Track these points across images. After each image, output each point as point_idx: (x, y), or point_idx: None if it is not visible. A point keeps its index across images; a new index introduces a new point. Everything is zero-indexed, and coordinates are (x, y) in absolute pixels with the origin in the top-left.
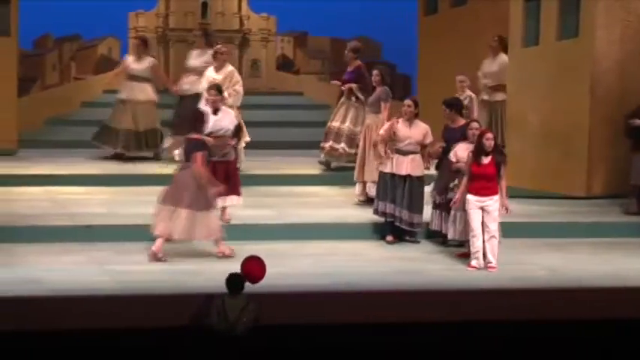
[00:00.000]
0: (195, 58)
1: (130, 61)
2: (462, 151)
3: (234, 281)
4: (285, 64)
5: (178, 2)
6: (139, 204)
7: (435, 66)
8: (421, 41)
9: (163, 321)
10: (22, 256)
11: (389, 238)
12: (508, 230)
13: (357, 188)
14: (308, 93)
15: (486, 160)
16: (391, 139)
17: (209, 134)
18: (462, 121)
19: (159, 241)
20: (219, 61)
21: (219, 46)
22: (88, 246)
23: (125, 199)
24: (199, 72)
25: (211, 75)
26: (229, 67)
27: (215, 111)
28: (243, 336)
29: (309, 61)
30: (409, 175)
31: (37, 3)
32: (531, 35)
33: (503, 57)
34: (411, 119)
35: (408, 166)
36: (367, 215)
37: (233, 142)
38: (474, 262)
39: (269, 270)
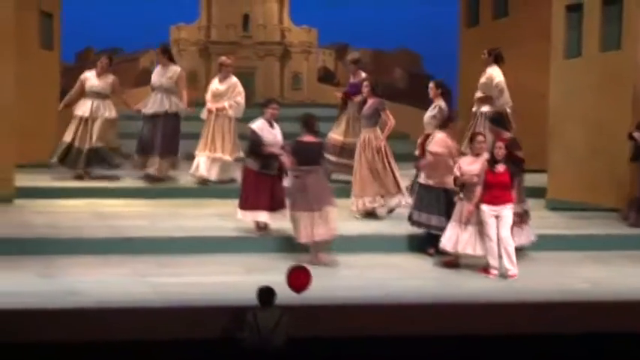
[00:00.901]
0: (160, 76)
1: (92, 78)
2: (465, 165)
3: (265, 294)
4: (326, 77)
5: (220, 15)
6: (179, 217)
7: (476, 78)
8: (462, 53)
9: (202, 333)
10: (64, 267)
11: (431, 250)
12: (550, 242)
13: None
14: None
15: (500, 168)
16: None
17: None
18: (506, 136)
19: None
20: (224, 73)
21: (223, 58)
22: (129, 258)
23: (166, 212)
24: (164, 90)
25: (214, 85)
26: (233, 79)
27: (271, 124)
28: (277, 350)
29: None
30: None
31: (79, 16)
32: (573, 47)
33: (490, 70)
34: None
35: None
36: (406, 227)
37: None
38: (494, 271)
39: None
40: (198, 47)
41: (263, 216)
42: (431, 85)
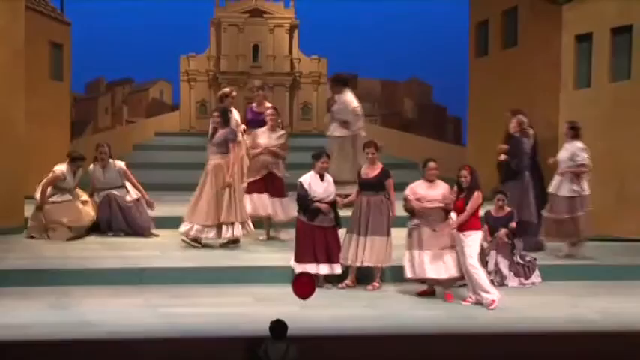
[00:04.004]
0: (107, 174)
1: (68, 178)
2: (423, 190)
3: (277, 327)
4: None
5: (229, 45)
6: (189, 247)
7: (485, 108)
8: (472, 83)
9: None
10: (76, 298)
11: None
12: (564, 272)
13: (216, 231)
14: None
15: (461, 195)
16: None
17: (320, 200)
18: (507, 210)
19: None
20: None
21: (228, 89)
22: (141, 288)
23: (176, 242)
24: (113, 187)
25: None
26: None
27: (322, 177)
28: None
29: (360, 103)
30: None
31: (90, 47)
32: (583, 77)
33: (342, 95)
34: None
35: None
36: None
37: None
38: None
39: (322, 312)
40: (207, 77)
41: (323, 268)
42: (270, 111)
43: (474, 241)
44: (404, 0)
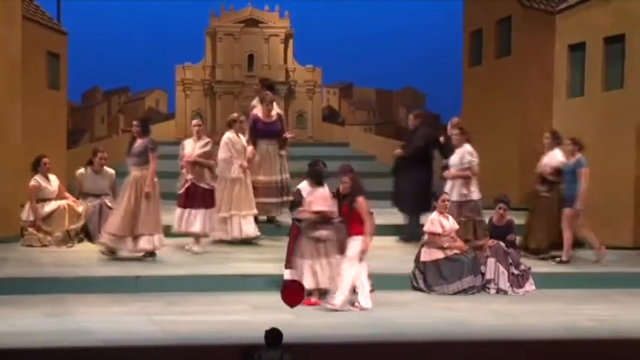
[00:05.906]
0: (101, 181)
1: (43, 184)
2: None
3: (272, 335)
4: (330, 115)
5: (225, 54)
6: (185, 255)
7: (479, 116)
8: (466, 92)
9: None
10: (72, 306)
11: None
12: (556, 280)
13: (131, 243)
14: (354, 144)
15: (344, 202)
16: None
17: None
18: (507, 219)
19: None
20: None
21: (236, 115)
22: (137, 296)
23: (172, 250)
24: (104, 194)
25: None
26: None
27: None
28: None
29: (355, 112)
30: None
31: (86, 56)
32: (576, 86)
33: (276, 108)
34: None
35: None
36: (410, 265)
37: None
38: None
39: (317, 320)
40: (203, 87)
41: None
42: (195, 121)
43: (356, 245)
44: (399, 10)
